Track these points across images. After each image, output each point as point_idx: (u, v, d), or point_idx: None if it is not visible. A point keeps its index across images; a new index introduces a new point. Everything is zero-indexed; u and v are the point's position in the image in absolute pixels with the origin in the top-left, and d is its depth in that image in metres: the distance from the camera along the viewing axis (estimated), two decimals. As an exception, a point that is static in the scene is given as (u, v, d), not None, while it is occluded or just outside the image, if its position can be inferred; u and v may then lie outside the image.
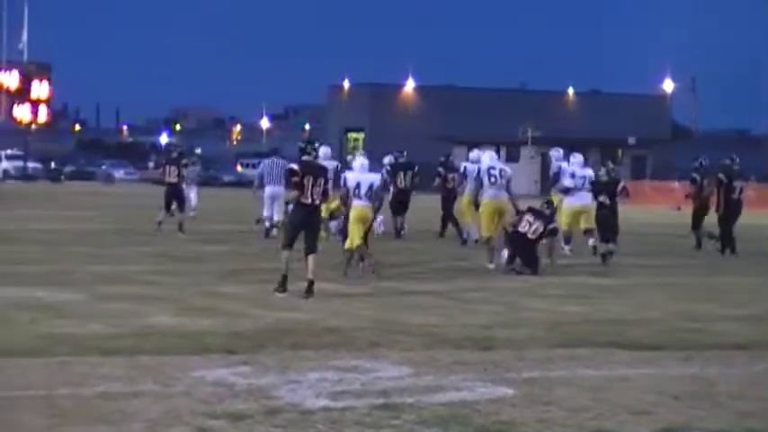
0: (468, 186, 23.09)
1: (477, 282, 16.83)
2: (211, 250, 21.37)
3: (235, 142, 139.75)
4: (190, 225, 25.65)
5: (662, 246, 25.59)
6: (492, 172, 19.38)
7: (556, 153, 24.12)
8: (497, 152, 76.29)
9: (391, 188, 26.60)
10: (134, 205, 39.90)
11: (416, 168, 26.74)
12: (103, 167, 79.90)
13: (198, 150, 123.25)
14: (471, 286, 16.24)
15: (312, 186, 14.72)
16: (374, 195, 17.44)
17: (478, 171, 19.72)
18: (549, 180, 23.69)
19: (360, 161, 17.79)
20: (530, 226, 18.21)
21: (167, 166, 25.86)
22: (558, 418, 8.10)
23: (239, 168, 76.65)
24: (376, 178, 17.70)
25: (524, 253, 18.14)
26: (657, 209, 39.95)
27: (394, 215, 26.04)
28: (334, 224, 22.46)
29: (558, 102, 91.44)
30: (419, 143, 56.19)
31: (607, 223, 20.20)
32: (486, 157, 20.02)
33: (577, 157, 23.00)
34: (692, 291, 16.66)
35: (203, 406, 8.14)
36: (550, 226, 18.51)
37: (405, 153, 27.43)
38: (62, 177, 74.14)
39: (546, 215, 18.52)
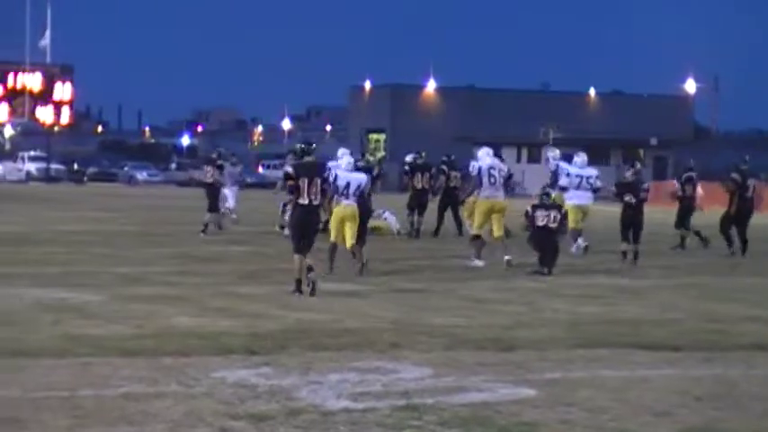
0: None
1: (496, 282, 16.82)
2: (232, 251, 21.42)
3: (256, 143, 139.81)
4: (213, 226, 25.70)
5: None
6: (492, 172, 19.45)
7: (552, 153, 24.59)
8: (518, 153, 76.34)
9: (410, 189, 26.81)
10: (156, 206, 40.06)
11: (433, 170, 26.99)
12: (126, 169, 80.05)
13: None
14: (491, 287, 16.23)
15: (308, 187, 14.87)
16: (361, 194, 17.68)
17: (479, 170, 19.64)
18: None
19: (346, 159, 17.97)
20: (547, 218, 18.27)
21: (205, 167, 26.67)
22: (580, 419, 8.09)
23: (260, 170, 76.76)
24: (363, 178, 17.92)
25: (548, 248, 18.15)
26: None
27: (410, 215, 26.14)
28: None
29: (580, 102, 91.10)
30: (440, 144, 56.06)
31: (633, 224, 20.16)
32: (484, 154, 19.94)
33: (581, 156, 23.24)
34: (713, 291, 16.60)
35: (225, 407, 8.16)
36: (563, 210, 18.70)
37: (423, 154, 27.56)
38: (85, 179, 74.33)
39: (550, 204, 18.65)
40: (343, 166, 17.70)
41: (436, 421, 7.91)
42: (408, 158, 27.61)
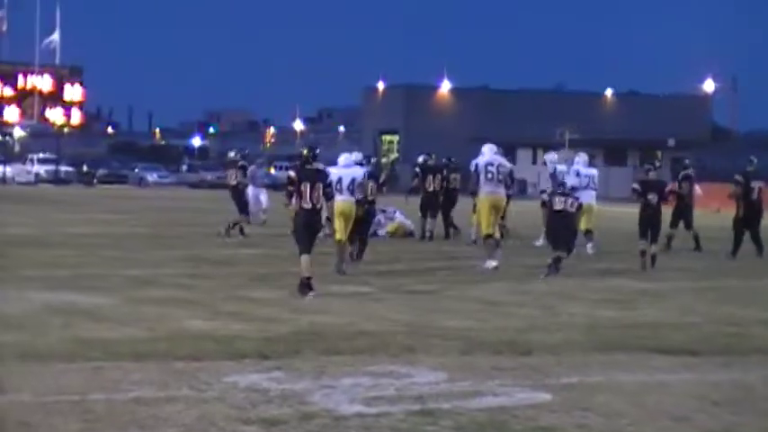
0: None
1: (511, 284, 16.80)
2: (244, 254, 21.44)
3: (268, 145, 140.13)
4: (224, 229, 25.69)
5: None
6: (490, 168, 19.45)
7: (550, 156, 24.98)
8: (533, 154, 76.22)
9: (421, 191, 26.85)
10: (167, 208, 40.10)
11: (445, 171, 26.96)
12: (136, 171, 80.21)
13: (231, 153, 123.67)
14: (506, 289, 16.22)
15: (310, 191, 15.18)
16: (357, 189, 18.01)
17: (476, 166, 19.63)
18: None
19: (344, 156, 18.33)
20: (564, 203, 18.30)
21: (229, 170, 27.13)
22: (597, 424, 8.08)
23: (272, 171, 76.86)
24: (359, 173, 18.29)
25: (565, 233, 18.18)
26: (696, 210, 39.66)
27: (423, 218, 26.17)
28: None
29: (596, 103, 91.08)
30: (454, 145, 56.08)
31: (651, 223, 20.11)
32: (486, 150, 19.92)
33: (582, 157, 23.47)
34: (732, 294, 16.56)
35: (237, 411, 8.17)
36: (579, 201, 18.73)
37: (433, 156, 27.56)
38: (94, 181, 74.48)
39: (568, 192, 18.63)
40: (340, 163, 17.98)
41: (452, 426, 7.91)
42: (419, 160, 27.67)
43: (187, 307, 13.49)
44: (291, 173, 15.54)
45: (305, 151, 15.75)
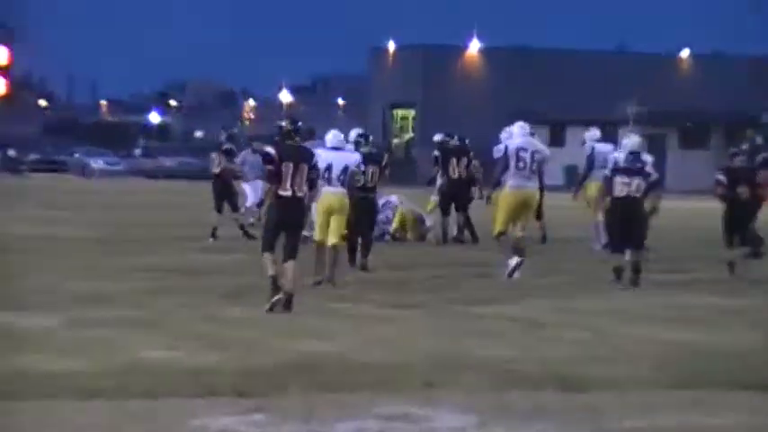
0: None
1: (556, 301, 16.77)
2: (217, 261, 21.47)
3: (247, 122, 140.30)
4: (196, 231, 25.72)
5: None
6: (522, 155, 19.31)
7: (590, 134, 25.53)
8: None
9: (439, 179, 26.74)
10: (119, 205, 40.17)
11: (471, 154, 26.79)
12: (77, 156, 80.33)
13: (199, 133, 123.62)
14: (551, 307, 16.21)
15: (293, 175, 15.28)
16: (348, 180, 17.98)
17: (506, 149, 19.59)
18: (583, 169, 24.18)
19: (332, 134, 18.24)
20: (628, 186, 18.30)
21: (211, 154, 27.49)
22: (666, 480, 8.14)
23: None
24: (353, 159, 18.28)
25: (630, 227, 18.22)
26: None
27: (445, 215, 26.11)
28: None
29: (669, 67, 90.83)
30: (485, 122, 56.08)
31: (741, 224, 19.99)
32: (517, 130, 19.91)
33: (632, 139, 23.30)
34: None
35: (208, 463, 8.22)
36: (651, 179, 18.64)
37: (454, 136, 27.43)
38: (24, 168, 74.52)
39: (637, 168, 18.58)
40: (328, 144, 17.97)
41: (480, 482, 7.96)
42: (437, 138, 27.48)
43: (145, 330, 13.53)
44: (270, 149, 15.66)
45: (285, 123, 15.85)
